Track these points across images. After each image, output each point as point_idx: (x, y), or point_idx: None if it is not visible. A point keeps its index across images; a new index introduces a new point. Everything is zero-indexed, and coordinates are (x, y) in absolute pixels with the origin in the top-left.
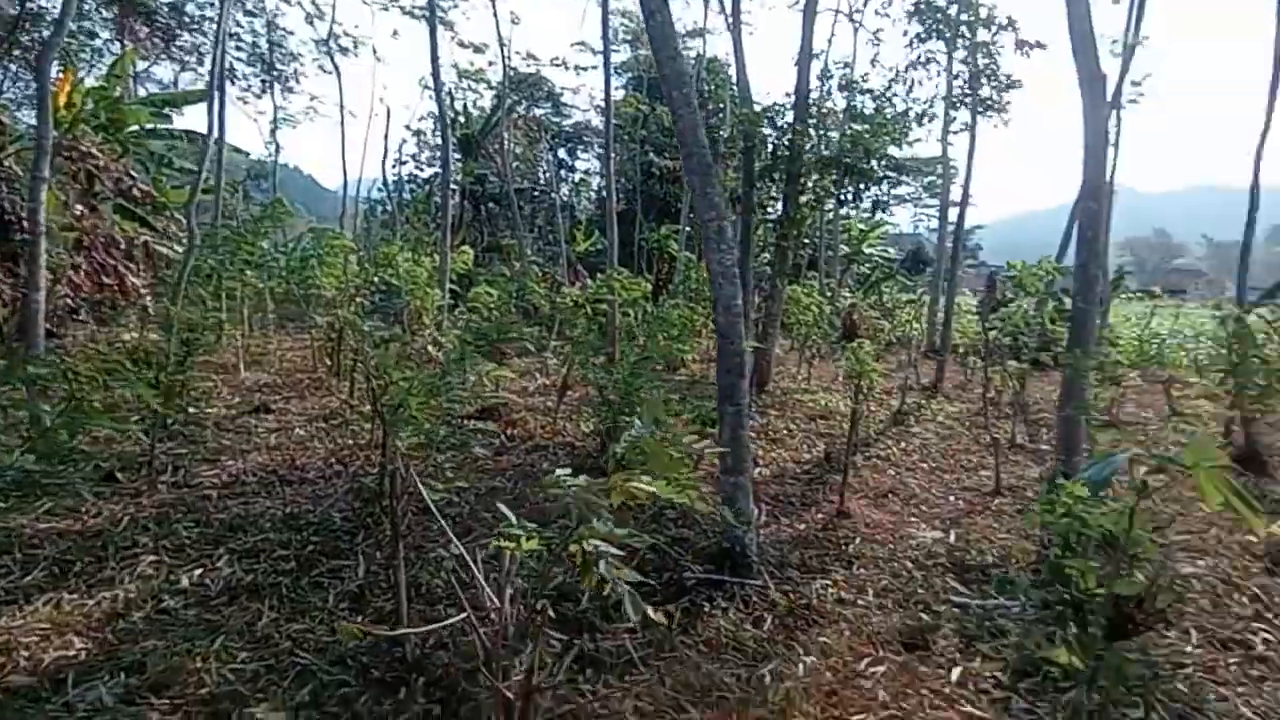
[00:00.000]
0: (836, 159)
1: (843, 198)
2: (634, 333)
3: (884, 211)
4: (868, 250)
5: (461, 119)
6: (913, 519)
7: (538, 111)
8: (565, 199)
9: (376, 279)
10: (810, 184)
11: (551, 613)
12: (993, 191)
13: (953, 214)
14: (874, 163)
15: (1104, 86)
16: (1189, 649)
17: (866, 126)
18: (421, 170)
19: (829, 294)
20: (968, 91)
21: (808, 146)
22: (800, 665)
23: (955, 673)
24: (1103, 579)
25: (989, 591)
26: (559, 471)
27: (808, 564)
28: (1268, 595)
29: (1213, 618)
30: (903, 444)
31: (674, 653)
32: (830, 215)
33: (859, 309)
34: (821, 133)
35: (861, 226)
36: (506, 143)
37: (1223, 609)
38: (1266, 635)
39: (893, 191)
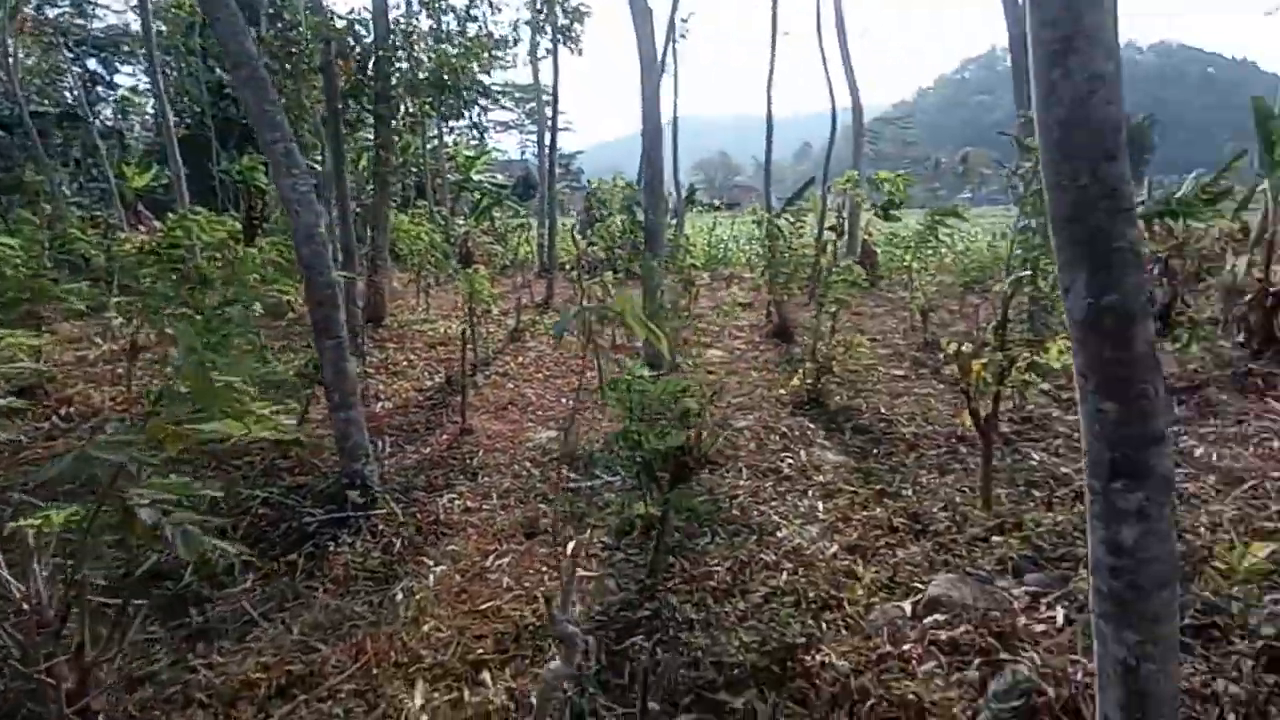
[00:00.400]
0: (427, 80)
1: (440, 123)
2: (210, 280)
3: (486, 137)
4: (476, 177)
5: None
6: (530, 424)
7: (52, 12)
8: (110, 124)
9: None
10: (403, 107)
11: (145, 596)
12: (594, 117)
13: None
14: (464, 86)
15: (651, 19)
16: (741, 482)
17: (453, 48)
18: None
19: (442, 222)
20: (545, 18)
21: (395, 67)
22: (431, 576)
23: (570, 546)
24: (659, 438)
25: (595, 473)
26: (104, 435)
27: (434, 483)
28: (791, 431)
29: (756, 455)
30: (520, 358)
31: (299, 599)
32: (434, 143)
33: (473, 236)
34: (408, 52)
35: (468, 153)
36: (12, 49)
37: (764, 447)
38: (790, 460)
39: (493, 118)
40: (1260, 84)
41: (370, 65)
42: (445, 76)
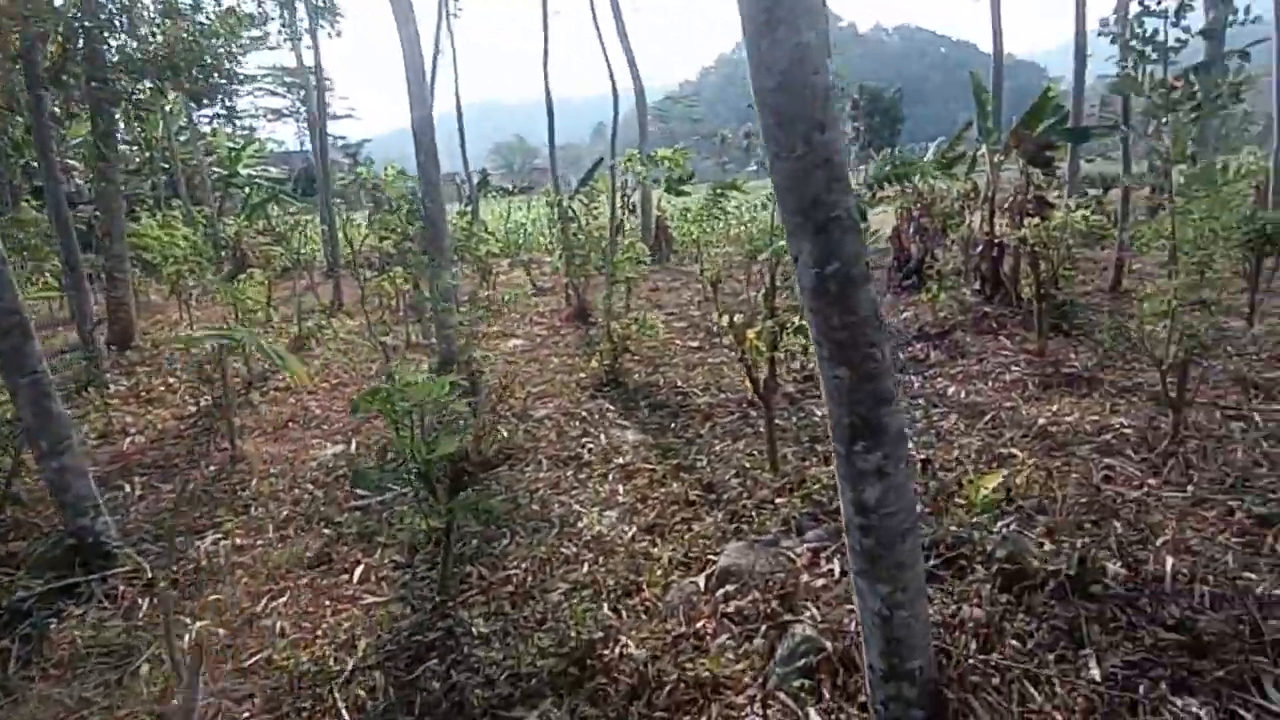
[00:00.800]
0: (154, 61)
1: (190, 110)
2: None
3: (255, 126)
4: (245, 171)
5: None
6: (315, 440)
7: None
8: None
9: None
10: (127, 90)
11: None
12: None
13: (335, 128)
14: (201, 66)
15: (411, 3)
16: (541, 474)
17: (188, 25)
18: None
19: (205, 223)
20: None
21: (109, 46)
22: (187, 637)
23: (358, 572)
24: (429, 447)
25: (386, 485)
26: None
27: (194, 525)
28: (591, 415)
29: (557, 444)
30: (304, 368)
31: (13, 693)
32: (186, 134)
33: (244, 236)
34: (128, 29)
35: (232, 145)
36: None
37: (564, 435)
38: (590, 445)
39: (264, 104)
40: (979, 62)
41: (78, 44)
42: (177, 57)
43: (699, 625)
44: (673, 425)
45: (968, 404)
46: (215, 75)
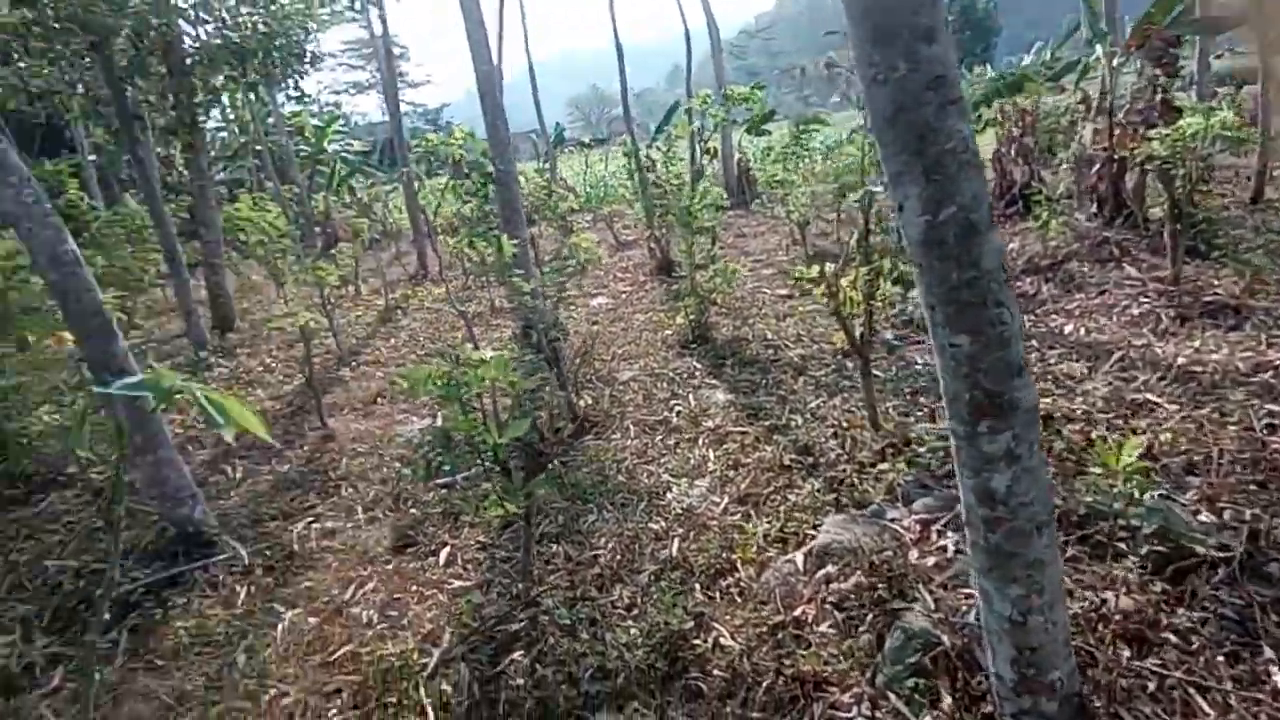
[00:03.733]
0: (228, 46)
1: (272, 93)
2: None
3: (306, 103)
4: (331, 147)
5: None
6: (402, 415)
7: None
8: None
9: None
10: (202, 79)
11: None
12: (459, 68)
13: (414, 96)
14: (275, 50)
15: None
16: (629, 441)
17: (261, 10)
18: None
19: (295, 201)
20: None
21: (192, 34)
22: (280, 626)
23: (443, 554)
24: (501, 429)
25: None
26: None
27: (289, 509)
28: (678, 375)
29: (644, 408)
30: (391, 340)
31: (120, 687)
32: (269, 116)
33: (333, 212)
34: (209, 20)
35: (317, 122)
36: None
37: (651, 398)
38: (678, 408)
39: (346, 79)
40: None
41: (146, 38)
42: (251, 43)
43: (798, 612)
44: (764, 382)
45: (1089, 343)
46: (291, 57)
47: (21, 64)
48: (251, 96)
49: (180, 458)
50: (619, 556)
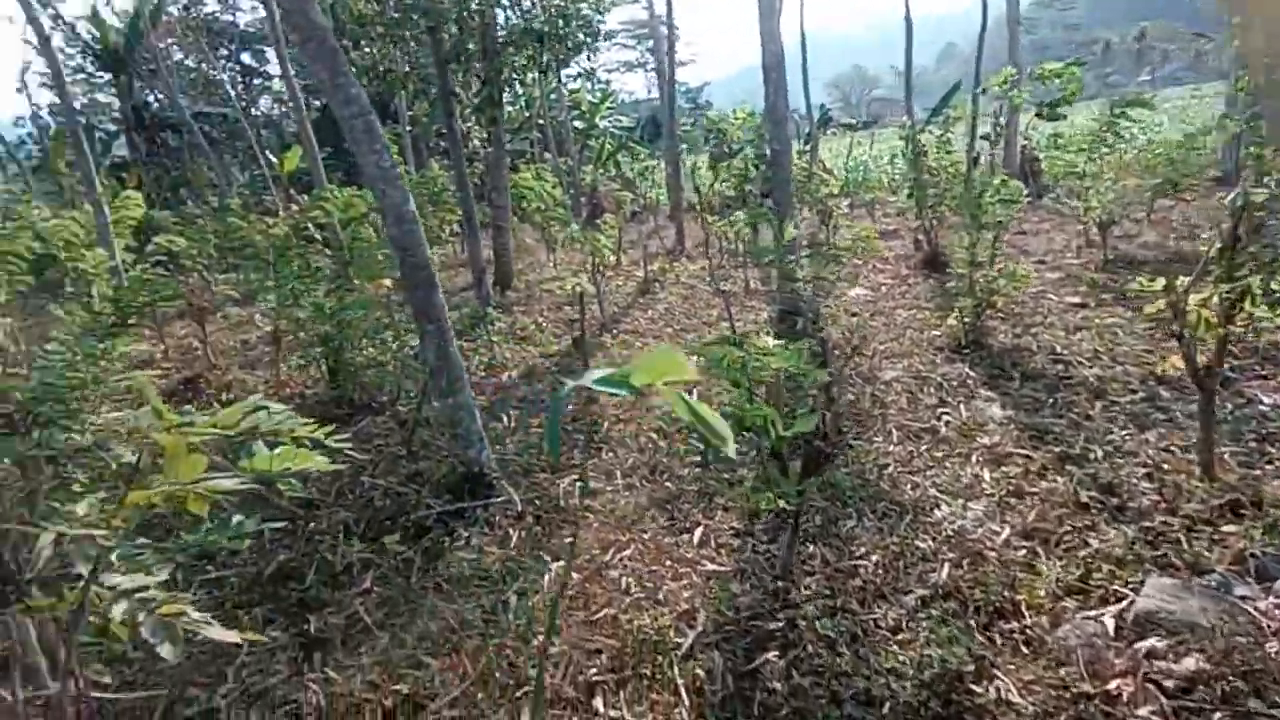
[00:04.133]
0: (531, 29)
1: (557, 72)
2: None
3: (611, 78)
4: (601, 123)
5: (89, 29)
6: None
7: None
8: (267, 114)
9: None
10: (508, 60)
11: (274, 599)
12: (725, 47)
13: (679, 75)
14: (574, 30)
15: None
16: (891, 447)
17: None
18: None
19: (567, 173)
20: None
21: (500, 19)
22: (547, 576)
23: (697, 534)
24: (786, 424)
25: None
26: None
27: (557, 464)
28: (948, 382)
29: (908, 412)
30: (649, 312)
31: (413, 603)
32: (554, 94)
33: (600, 184)
34: (514, 5)
35: (592, 99)
36: (166, 53)
37: (916, 402)
38: (948, 418)
39: (616, 58)
40: None
41: (472, 21)
42: (548, 26)
43: (1111, 686)
44: (1051, 401)
45: None
46: (584, 37)
47: (367, 49)
48: (542, 75)
49: (474, 403)
50: (883, 572)
